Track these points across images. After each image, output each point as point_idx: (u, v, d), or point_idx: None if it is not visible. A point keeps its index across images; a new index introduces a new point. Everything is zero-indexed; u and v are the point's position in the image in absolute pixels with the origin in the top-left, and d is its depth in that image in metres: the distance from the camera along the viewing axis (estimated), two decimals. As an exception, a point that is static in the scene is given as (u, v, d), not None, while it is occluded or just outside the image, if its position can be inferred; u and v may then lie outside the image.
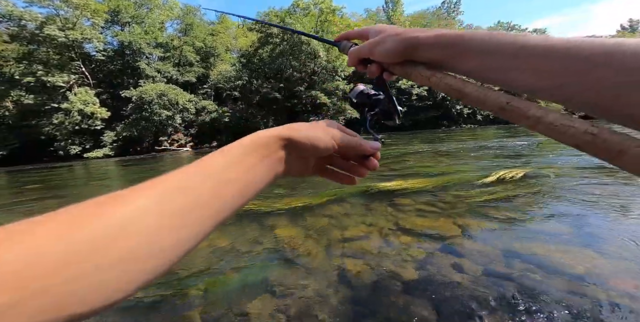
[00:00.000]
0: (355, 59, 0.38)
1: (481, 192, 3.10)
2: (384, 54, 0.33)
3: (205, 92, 26.66)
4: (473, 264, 1.67)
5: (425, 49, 0.30)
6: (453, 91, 0.29)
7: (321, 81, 25.18)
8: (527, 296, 1.36)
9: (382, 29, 0.35)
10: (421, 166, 5.06)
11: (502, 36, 0.26)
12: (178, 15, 27.54)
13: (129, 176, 8.01)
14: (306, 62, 24.82)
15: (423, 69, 0.32)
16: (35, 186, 6.95)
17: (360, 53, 0.37)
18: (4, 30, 20.86)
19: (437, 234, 2.11)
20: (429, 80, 0.31)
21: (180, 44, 26.43)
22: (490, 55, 0.26)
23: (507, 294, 1.38)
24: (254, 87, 24.59)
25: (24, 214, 3.95)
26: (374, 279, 1.58)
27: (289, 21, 22.85)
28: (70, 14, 21.04)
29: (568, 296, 1.33)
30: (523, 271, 1.56)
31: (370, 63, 0.38)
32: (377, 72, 0.37)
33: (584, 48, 0.22)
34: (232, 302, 1.47)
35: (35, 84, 19.91)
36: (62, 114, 20.43)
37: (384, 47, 0.33)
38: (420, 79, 0.32)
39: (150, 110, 21.50)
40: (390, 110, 0.38)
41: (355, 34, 0.42)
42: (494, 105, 0.26)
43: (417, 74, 0.32)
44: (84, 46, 23.15)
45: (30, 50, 20.36)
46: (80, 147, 21.19)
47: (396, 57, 0.33)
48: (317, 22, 25.59)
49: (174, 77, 25.14)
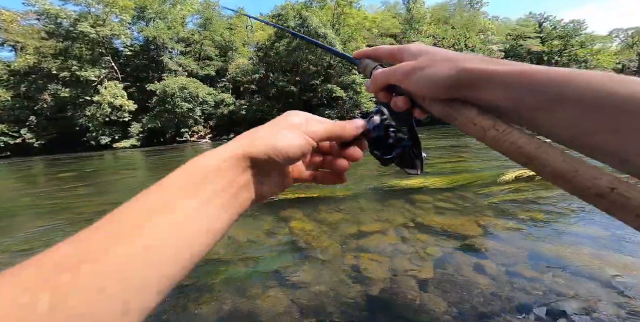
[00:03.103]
0: (380, 85, 0.29)
1: (504, 190, 2.93)
2: (424, 85, 0.25)
3: (223, 85, 27.20)
4: (495, 265, 1.59)
5: (491, 87, 0.22)
6: (521, 156, 0.20)
7: (337, 75, 24.84)
8: (553, 300, 1.28)
9: (423, 50, 0.26)
10: (440, 162, 4.88)
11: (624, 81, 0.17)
12: (198, 9, 28.04)
13: (153, 165, 8.44)
14: (322, 56, 24.55)
15: (479, 115, 0.23)
16: (69, 174, 7.52)
17: (389, 77, 0.28)
18: (41, 28, 22.34)
19: (456, 233, 2.03)
20: (485, 133, 0.22)
21: (200, 38, 26.98)
22: (601, 113, 0.17)
23: (531, 298, 1.30)
24: (270, 81, 24.75)
25: (59, 198, 4.30)
26: (388, 275, 1.55)
27: (305, 14, 22.55)
28: (100, 11, 22.09)
29: (597, 303, 1.24)
30: (550, 274, 1.47)
31: (397, 93, 0.29)
32: (405, 107, 0.28)
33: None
34: (246, 293, 1.52)
35: (70, 78, 21.34)
36: (94, 106, 21.79)
37: (427, 76, 0.24)
38: (471, 128, 0.23)
39: (173, 103, 22.36)
40: (412, 157, 0.29)
41: (385, 52, 0.31)
42: (589, 189, 0.17)
43: (466, 121, 0.23)
44: (113, 42, 24.31)
45: (65, 46, 21.71)
46: (110, 138, 22.61)
47: (442, 92, 0.24)
48: (333, 14, 25.13)
49: (194, 71, 25.85)
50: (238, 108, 24.81)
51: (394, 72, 0.27)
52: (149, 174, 6.68)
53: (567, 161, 0.18)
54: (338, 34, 24.53)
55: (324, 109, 24.68)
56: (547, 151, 0.19)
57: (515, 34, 32.93)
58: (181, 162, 0.17)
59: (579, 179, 0.17)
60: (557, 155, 0.19)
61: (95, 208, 3.52)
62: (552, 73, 0.19)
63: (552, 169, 0.19)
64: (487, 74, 0.22)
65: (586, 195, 0.17)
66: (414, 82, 0.25)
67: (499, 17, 41.23)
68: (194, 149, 14.97)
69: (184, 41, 26.49)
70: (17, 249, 2.33)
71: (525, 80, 0.20)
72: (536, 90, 0.20)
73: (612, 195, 0.16)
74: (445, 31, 29.31)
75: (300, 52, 24.00)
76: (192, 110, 23.38)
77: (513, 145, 0.21)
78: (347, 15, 25.07)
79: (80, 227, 0.15)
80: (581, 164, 0.18)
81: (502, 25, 36.17)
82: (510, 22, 37.37)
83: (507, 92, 0.21)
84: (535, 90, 0.20)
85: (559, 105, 0.19)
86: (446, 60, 0.24)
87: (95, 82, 22.49)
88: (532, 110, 0.20)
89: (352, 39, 24.79)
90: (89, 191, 4.75)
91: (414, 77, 0.25)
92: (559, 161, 0.18)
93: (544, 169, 0.19)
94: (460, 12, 32.69)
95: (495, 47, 30.18)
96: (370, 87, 0.31)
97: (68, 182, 6.04)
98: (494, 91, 0.22)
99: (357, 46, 24.51)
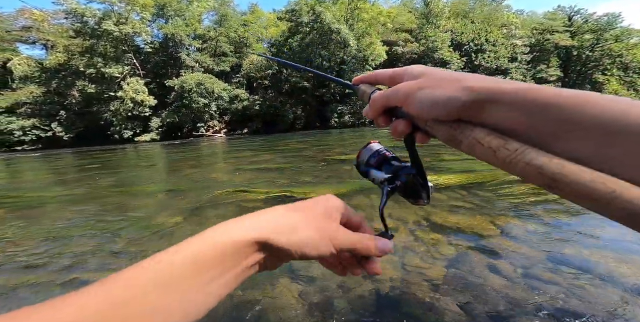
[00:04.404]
0: (380, 108, 0.27)
1: (522, 189, 2.81)
2: (427, 106, 0.23)
3: (238, 81, 27.64)
4: (512, 266, 1.54)
5: (499, 107, 0.20)
6: (542, 178, 0.18)
7: (350, 70, 24.56)
8: (573, 304, 1.23)
9: (426, 71, 0.25)
10: (453, 159, 4.74)
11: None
12: (213, 6, 28.47)
13: (171, 159, 8.75)
14: (335, 52, 24.34)
15: (487, 135, 0.21)
16: (94, 165, 7.96)
17: (389, 99, 0.26)
18: (69, 26, 23.52)
19: (471, 232, 1.98)
20: (495, 154, 0.20)
21: (216, 35, 27.42)
22: (622, 138, 0.16)
23: (549, 301, 1.26)
24: (284, 76, 24.89)
25: (84, 188, 4.57)
26: (399, 274, 1.55)
27: (319, 9, 22.34)
28: (122, 9, 22.93)
29: (620, 309, 1.18)
30: (570, 277, 1.41)
31: (398, 116, 0.27)
32: (407, 131, 0.26)
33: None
34: (255, 286, 1.56)
35: (95, 74, 22.44)
36: (118, 101, 22.83)
37: (431, 96, 0.23)
38: (479, 149, 0.21)
39: (190, 99, 23.03)
40: (417, 186, 0.27)
41: (384, 76, 0.29)
42: (620, 209, 0.15)
43: (474, 143, 0.21)
44: (135, 39, 25.22)
45: (91, 44, 22.78)
46: (132, 132, 23.65)
47: (446, 113, 0.22)
48: (347, 9, 24.72)
49: (210, 67, 26.38)
50: (252, 103, 25.17)
51: (394, 94, 0.25)
52: (167, 167, 6.95)
53: (600, 182, 0.16)
54: (352, 29, 24.13)
55: (336, 104, 24.55)
56: (574, 171, 0.17)
57: (542, 28, 31.04)
58: (197, 157, 0.15)
59: (619, 201, 0.15)
60: (587, 175, 0.16)
61: (118, 199, 3.72)
62: (565, 94, 0.18)
63: (585, 192, 0.16)
64: (494, 93, 0.20)
65: (630, 219, 0.15)
66: (416, 103, 0.23)
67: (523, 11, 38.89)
68: (209, 143, 15.36)
69: (201, 38, 27.04)
70: (42, 237, 2.52)
71: (536, 101, 0.19)
72: (547, 112, 0.18)
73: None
74: (465, 26, 28.07)
75: (314, 47, 23.91)
76: (208, 105, 23.98)
77: (530, 167, 0.18)
78: (361, 10, 24.61)
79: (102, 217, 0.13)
80: (618, 185, 0.15)
81: (528, 19, 34.13)
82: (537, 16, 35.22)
83: (515, 113, 0.19)
84: (545, 111, 0.18)
85: (572, 131, 0.17)
86: (450, 80, 0.22)
87: (118, 79, 23.51)
88: (543, 134, 0.19)
89: (367, 34, 24.31)
90: (112, 182, 5.01)
91: (416, 98, 0.23)
92: (589, 182, 0.16)
93: (572, 192, 0.16)
94: (481, 6, 31.14)
95: (519, 42, 28.59)
96: (369, 112, 0.28)
97: (93, 173, 6.40)
98: (501, 111, 0.20)
99: (371, 41, 24.01)
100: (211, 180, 4.57)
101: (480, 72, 26.62)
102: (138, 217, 2.86)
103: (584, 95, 0.18)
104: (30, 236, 2.51)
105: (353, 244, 0.25)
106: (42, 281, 1.73)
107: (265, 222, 0.22)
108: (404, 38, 27.34)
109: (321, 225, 0.24)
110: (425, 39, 26.15)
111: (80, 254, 2.06)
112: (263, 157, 7.00)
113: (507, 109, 0.20)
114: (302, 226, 0.23)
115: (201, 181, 4.50)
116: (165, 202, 3.40)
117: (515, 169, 0.19)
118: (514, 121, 0.20)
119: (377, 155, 0.29)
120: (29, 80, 23.11)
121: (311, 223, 0.23)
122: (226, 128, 26.49)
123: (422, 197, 0.27)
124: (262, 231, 0.22)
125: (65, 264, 1.93)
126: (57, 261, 1.99)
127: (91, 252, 2.08)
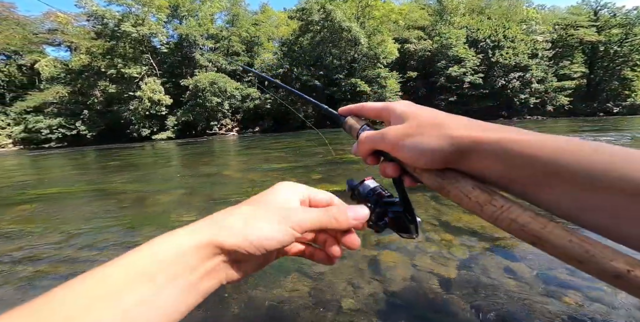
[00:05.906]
0: (368, 150, 0.27)
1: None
2: (415, 155, 0.23)
3: (249, 80, 28.01)
4: (528, 269, 1.50)
5: (481, 157, 0.20)
6: (525, 235, 0.18)
7: (361, 69, 24.32)
8: (593, 309, 1.18)
9: (409, 114, 0.24)
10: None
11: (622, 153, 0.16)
12: (225, 6, 28.95)
13: (186, 156, 9.02)
14: (346, 50, 24.14)
15: (474, 189, 0.21)
16: (115, 163, 8.33)
17: (376, 144, 0.26)
18: (91, 28, 24.61)
19: (485, 233, 1.94)
20: (481, 209, 0.20)
21: (228, 34, 27.88)
22: (602, 190, 0.16)
23: (567, 305, 1.21)
24: (295, 75, 24.98)
25: (104, 184, 4.80)
26: (409, 273, 1.54)
27: (330, 8, 22.20)
28: (140, 11, 23.74)
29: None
30: (590, 281, 1.35)
31: (386, 158, 0.27)
32: (395, 174, 0.26)
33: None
34: (265, 281, 1.59)
35: (116, 75, 23.41)
36: (136, 101, 23.71)
37: (416, 146, 0.22)
38: (466, 202, 0.21)
39: (204, 98, 23.59)
40: (405, 222, 0.28)
41: (371, 111, 0.29)
42: (604, 271, 0.16)
43: (459, 194, 0.21)
44: (151, 40, 26.08)
45: (111, 45, 23.75)
46: (149, 130, 24.52)
47: (434, 163, 0.22)
48: (357, 7, 24.41)
49: (223, 66, 26.88)
50: (263, 102, 25.47)
51: (381, 140, 0.25)
52: (182, 164, 7.17)
53: (576, 243, 0.17)
54: (363, 27, 23.84)
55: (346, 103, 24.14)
56: (553, 232, 0.17)
57: (565, 23, 29.46)
58: (211, 155, 0.15)
59: (594, 261, 0.16)
60: (566, 236, 0.17)
61: (135, 195, 3.89)
62: (549, 143, 0.18)
63: (563, 252, 0.17)
64: (475, 144, 0.20)
65: (603, 277, 0.16)
66: (405, 152, 0.23)
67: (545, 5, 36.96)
68: (222, 141, 15.69)
69: (213, 38, 27.57)
70: (63, 230, 2.67)
71: (517, 154, 0.18)
72: (526, 164, 0.18)
73: (629, 276, 0.15)
74: (481, 22, 27.08)
75: (324, 46, 23.80)
76: (221, 104, 24.48)
77: (515, 224, 0.19)
78: (373, 8, 24.26)
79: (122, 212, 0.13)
80: (593, 246, 0.16)
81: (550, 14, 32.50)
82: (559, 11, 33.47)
83: (497, 165, 0.19)
84: (525, 163, 0.18)
85: (549, 182, 0.17)
86: (432, 125, 0.22)
87: (137, 79, 24.41)
88: (524, 185, 0.19)
89: (378, 31, 23.93)
90: (131, 179, 5.23)
91: (404, 147, 0.23)
92: (567, 242, 0.17)
93: (553, 250, 0.17)
94: (498, 2, 29.90)
95: (540, 38, 27.27)
96: (358, 151, 0.28)
97: (113, 170, 6.71)
98: (483, 162, 0.20)
99: (383, 39, 23.62)
100: (225, 177, 4.68)
101: (498, 69, 25.67)
102: (156, 213, 2.98)
103: (563, 144, 0.17)
104: (56, 230, 2.67)
105: (317, 220, 0.24)
106: (65, 272, 1.85)
107: (210, 224, 0.21)
108: (417, 35, 26.71)
109: (274, 212, 0.23)
110: (439, 36, 25.48)
111: (102, 247, 2.18)
112: (274, 155, 7.09)
113: (489, 161, 0.20)
114: (252, 218, 0.22)
115: (215, 179, 4.63)
116: (181, 199, 3.52)
117: (502, 225, 0.19)
118: (496, 173, 0.20)
119: (372, 194, 0.29)
120: (55, 81, 24.43)
121: (263, 213, 0.22)
122: (238, 126, 26.94)
123: (411, 232, 0.28)
124: (205, 232, 0.20)
125: (91, 257, 2.05)
126: (82, 254, 2.11)
127: (112, 246, 2.19)
